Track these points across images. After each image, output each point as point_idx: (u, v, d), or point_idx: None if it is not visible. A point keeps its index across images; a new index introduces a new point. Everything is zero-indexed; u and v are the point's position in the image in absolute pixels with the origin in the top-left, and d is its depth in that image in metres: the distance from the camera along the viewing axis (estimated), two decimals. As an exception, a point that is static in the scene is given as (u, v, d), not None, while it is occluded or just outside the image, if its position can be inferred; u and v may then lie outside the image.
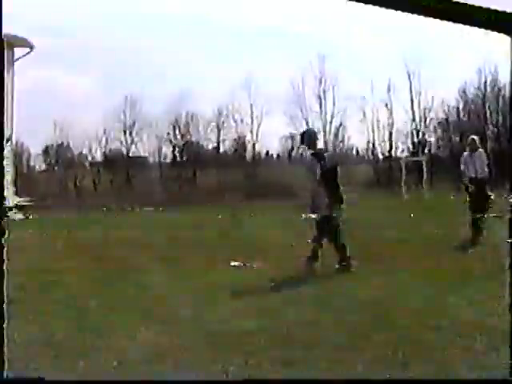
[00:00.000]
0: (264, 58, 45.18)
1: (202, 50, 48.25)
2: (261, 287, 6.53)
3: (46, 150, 40.83)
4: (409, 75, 38.11)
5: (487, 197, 9.69)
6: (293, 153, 41.90)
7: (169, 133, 40.21)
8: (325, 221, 7.39)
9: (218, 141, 40.86)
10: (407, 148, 39.70)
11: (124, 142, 40.20)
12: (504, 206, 4.64)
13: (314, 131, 8.38)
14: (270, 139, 59.53)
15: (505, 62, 2.33)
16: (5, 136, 2.12)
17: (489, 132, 36.36)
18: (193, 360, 4.00)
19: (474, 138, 10.41)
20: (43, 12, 37.16)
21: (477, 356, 3.93)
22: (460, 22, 2.21)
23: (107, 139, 40.29)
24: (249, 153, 40.76)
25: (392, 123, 39.49)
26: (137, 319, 5.05)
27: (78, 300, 5.87)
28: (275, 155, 43.12)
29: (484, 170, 9.87)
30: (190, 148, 40.77)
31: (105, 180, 40.38)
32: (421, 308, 5.28)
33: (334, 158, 8.16)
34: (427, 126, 39.56)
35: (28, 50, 19.43)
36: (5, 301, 2.27)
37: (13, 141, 20.34)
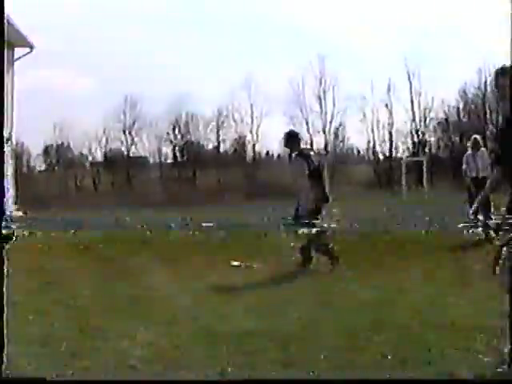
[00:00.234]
0: (264, 58, 45.28)
1: (202, 50, 48.29)
2: (261, 287, 6.53)
3: (46, 150, 40.87)
4: (409, 75, 38.21)
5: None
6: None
7: (169, 133, 40.28)
8: (308, 226, 7.44)
9: (218, 141, 40.93)
10: (407, 148, 39.77)
11: (124, 142, 40.25)
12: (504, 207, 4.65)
13: (297, 133, 8.47)
14: (270, 139, 59.57)
15: (505, 62, 2.32)
16: (5, 136, 2.12)
17: (488, 132, 36.38)
18: (193, 360, 4.00)
19: (477, 138, 10.40)
20: (43, 12, 37.19)
21: (477, 356, 3.93)
22: None
23: (107, 139, 40.36)
24: (249, 153, 40.80)
25: (392, 123, 39.54)
26: (137, 319, 5.05)
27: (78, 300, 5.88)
28: (275, 155, 43.15)
29: (486, 170, 9.87)
30: (190, 148, 40.80)
31: (105, 180, 40.41)
32: (420, 308, 5.28)
33: (319, 158, 8.22)
34: (427, 126, 39.62)
35: (28, 50, 19.45)
36: (5, 301, 2.27)
37: (13, 141, 20.34)
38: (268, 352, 4.12)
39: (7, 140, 17.54)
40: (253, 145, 40.64)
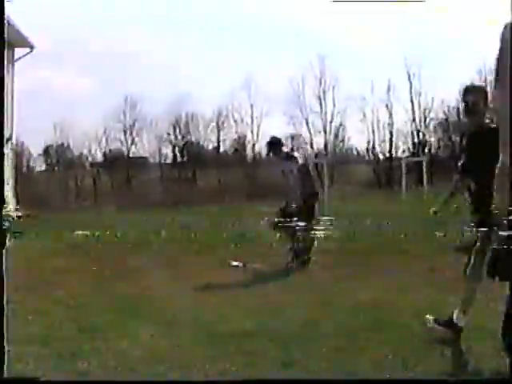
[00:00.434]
0: (264, 58, 45.23)
1: (202, 51, 48.26)
2: (261, 287, 6.53)
3: (47, 151, 40.83)
4: (409, 75, 38.11)
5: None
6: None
7: (169, 133, 40.22)
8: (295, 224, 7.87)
9: (218, 141, 40.87)
10: (407, 148, 39.70)
11: (124, 143, 40.22)
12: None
13: (279, 139, 8.68)
14: (270, 139, 59.33)
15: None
16: (5, 136, 2.12)
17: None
18: (193, 360, 3.99)
19: None
20: (43, 12, 37.16)
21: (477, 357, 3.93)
22: None
23: (107, 139, 40.30)
24: (249, 153, 40.77)
25: (392, 123, 39.50)
26: (136, 319, 5.05)
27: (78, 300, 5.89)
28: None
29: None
30: (190, 148, 40.77)
31: (105, 180, 40.38)
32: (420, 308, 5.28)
33: (304, 158, 8.59)
34: (427, 127, 39.56)
35: (28, 50, 19.44)
36: (5, 301, 2.27)
37: (13, 141, 20.34)
38: (268, 352, 4.12)
39: (7, 140, 17.53)
40: (253, 145, 40.63)
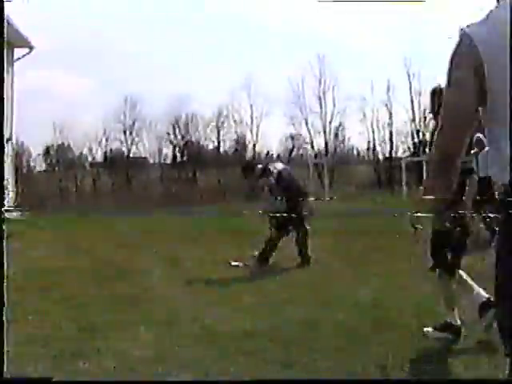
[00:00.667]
0: (264, 58, 45.30)
1: (202, 51, 48.36)
2: (261, 287, 6.53)
3: (47, 151, 40.85)
4: (409, 75, 38.16)
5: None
6: (293, 153, 41.93)
7: (169, 133, 40.28)
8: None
9: (218, 141, 40.93)
10: (407, 148, 39.73)
11: (124, 143, 40.25)
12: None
13: (248, 161, 9.16)
14: (270, 140, 59.59)
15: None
16: (5, 136, 2.12)
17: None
18: (192, 360, 3.99)
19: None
20: (43, 12, 37.23)
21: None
22: None
23: (107, 140, 40.34)
24: (249, 153, 40.78)
25: (392, 123, 39.52)
26: (136, 319, 5.05)
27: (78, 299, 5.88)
28: (275, 155, 43.18)
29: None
30: (190, 148, 40.81)
31: (105, 181, 40.39)
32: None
33: (283, 166, 8.94)
34: (427, 126, 39.57)
35: (28, 51, 19.43)
36: (5, 301, 2.27)
37: (13, 141, 20.34)
38: (268, 352, 4.12)
39: (7, 140, 17.53)
40: (253, 145, 40.67)
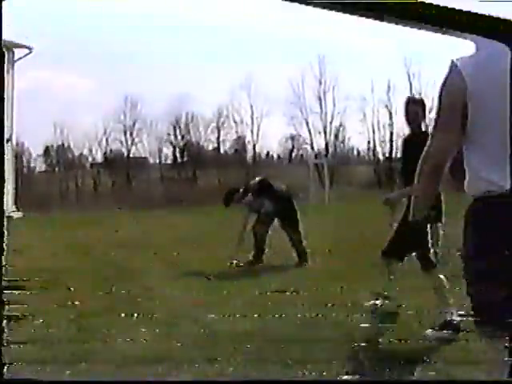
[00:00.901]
0: (264, 59, 45.24)
1: (202, 51, 48.34)
2: (261, 286, 6.53)
3: (47, 151, 40.84)
4: (409, 76, 38.11)
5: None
6: (293, 154, 41.94)
7: (169, 133, 40.24)
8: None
9: (219, 141, 40.91)
10: (408, 148, 39.67)
11: (124, 143, 40.23)
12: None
13: (229, 190, 9.15)
14: (270, 140, 59.57)
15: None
16: (5, 137, 2.12)
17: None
18: (192, 360, 3.99)
19: None
20: (43, 12, 37.20)
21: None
22: (457, 30, 2.19)
23: (107, 140, 40.31)
24: (249, 153, 40.78)
25: (392, 124, 39.50)
26: (136, 319, 5.05)
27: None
28: (275, 156, 43.16)
29: None
30: (191, 149, 40.79)
31: (105, 181, 40.38)
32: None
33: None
34: (427, 127, 39.54)
35: (27, 52, 19.43)
36: (4, 301, 2.26)
37: (13, 141, 20.34)
38: (268, 352, 4.11)
39: (8, 140, 17.53)
40: (253, 145, 40.66)
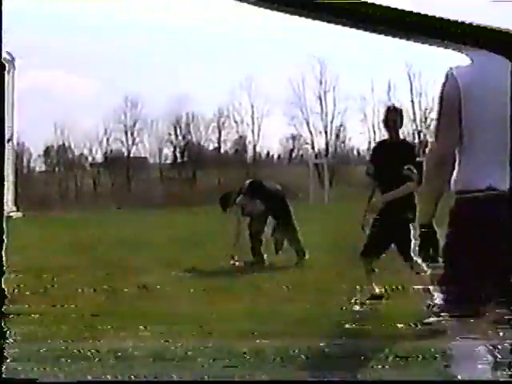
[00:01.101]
0: (264, 59, 45.24)
1: (203, 51, 48.33)
2: (260, 286, 6.54)
3: (47, 151, 40.82)
4: (409, 76, 38.11)
5: None
6: (293, 154, 41.93)
7: (169, 133, 40.22)
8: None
9: (219, 141, 40.89)
10: (408, 148, 39.68)
11: (125, 143, 40.22)
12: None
13: (223, 195, 9.26)
14: (271, 140, 59.55)
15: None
16: (6, 137, 2.12)
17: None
18: (192, 360, 3.99)
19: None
20: (43, 12, 37.22)
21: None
22: (457, 42, 2.19)
23: (108, 140, 40.29)
24: (249, 153, 40.77)
25: (393, 124, 39.45)
26: (137, 319, 5.05)
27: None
28: (276, 156, 43.14)
29: None
30: (191, 149, 40.78)
31: (105, 181, 40.37)
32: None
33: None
34: (428, 127, 39.56)
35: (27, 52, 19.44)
36: (4, 301, 2.27)
37: (13, 141, 20.35)
38: (268, 352, 4.11)
39: (8, 140, 17.49)
40: (253, 145, 40.65)
